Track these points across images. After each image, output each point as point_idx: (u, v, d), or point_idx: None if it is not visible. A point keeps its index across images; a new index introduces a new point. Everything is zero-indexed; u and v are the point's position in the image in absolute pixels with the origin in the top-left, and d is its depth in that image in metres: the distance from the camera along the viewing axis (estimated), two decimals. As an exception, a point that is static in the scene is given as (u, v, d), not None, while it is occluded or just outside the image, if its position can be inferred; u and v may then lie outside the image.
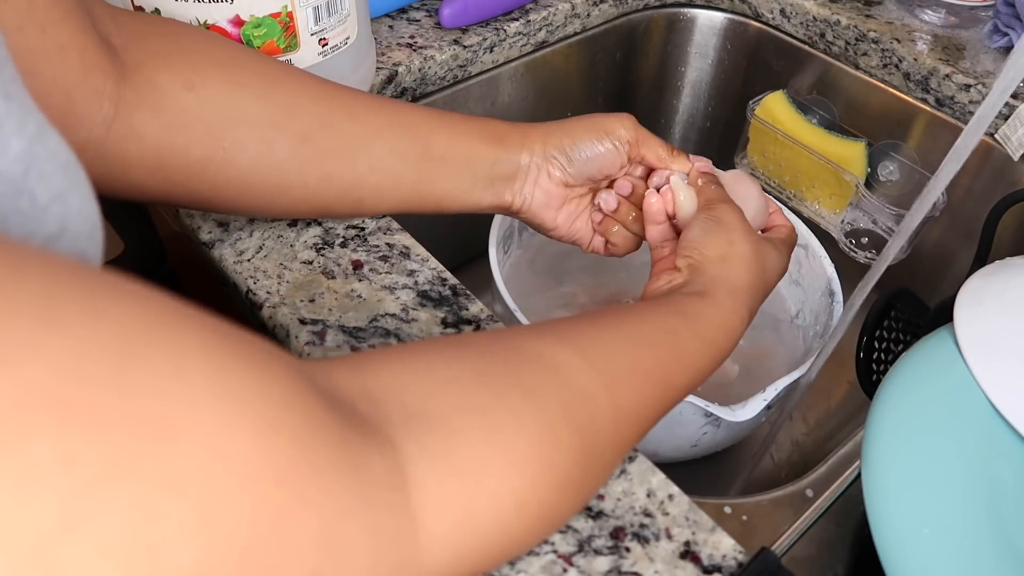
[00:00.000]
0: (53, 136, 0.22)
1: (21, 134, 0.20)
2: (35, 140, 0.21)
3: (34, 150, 0.21)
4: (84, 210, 0.23)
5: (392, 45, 0.67)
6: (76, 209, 0.22)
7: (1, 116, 0.20)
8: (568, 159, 0.47)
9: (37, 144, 0.21)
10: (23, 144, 0.20)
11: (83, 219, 0.23)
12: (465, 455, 0.25)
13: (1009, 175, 0.68)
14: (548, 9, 0.74)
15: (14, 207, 0.20)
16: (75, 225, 0.22)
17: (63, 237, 0.22)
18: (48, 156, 0.21)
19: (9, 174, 0.20)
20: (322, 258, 0.47)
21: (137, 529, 0.16)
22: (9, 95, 0.21)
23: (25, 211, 0.20)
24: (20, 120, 0.21)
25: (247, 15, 0.46)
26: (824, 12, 0.76)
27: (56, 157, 0.22)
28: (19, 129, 0.20)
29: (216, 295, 0.65)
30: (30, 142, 0.21)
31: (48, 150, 0.21)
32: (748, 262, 0.43)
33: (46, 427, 0.15)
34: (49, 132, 0.22)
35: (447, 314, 0.45)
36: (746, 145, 0.81)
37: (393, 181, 0.44)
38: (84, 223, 0.23)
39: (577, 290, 0.75)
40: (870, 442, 0.36)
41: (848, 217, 0.75)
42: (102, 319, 0.17)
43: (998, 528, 0.32)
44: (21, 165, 0.20)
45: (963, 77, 0.68)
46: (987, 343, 0.37)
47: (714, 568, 0.35)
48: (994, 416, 0.35)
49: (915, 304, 0.57)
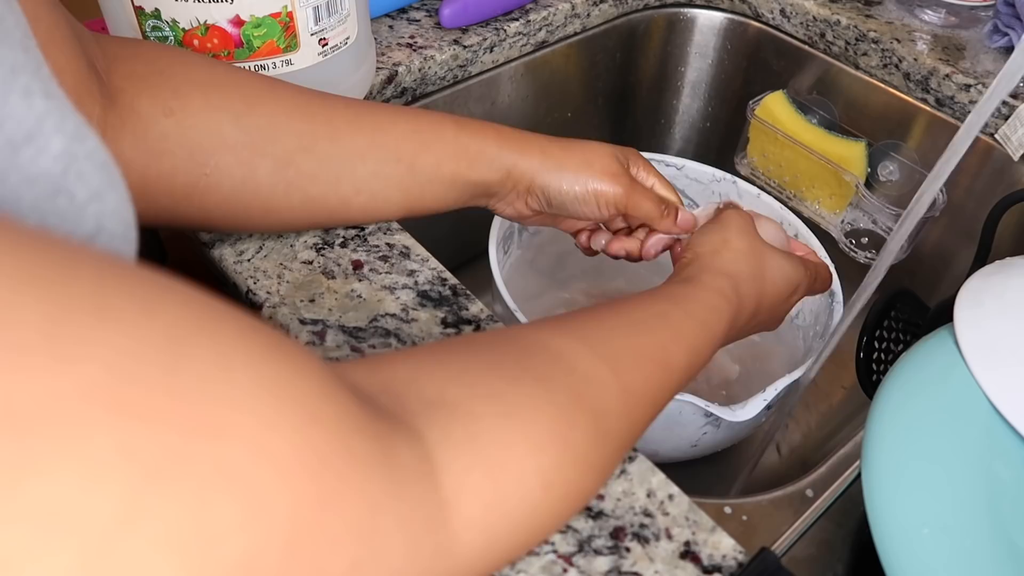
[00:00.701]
0: (91, 135, 0.22)
1: (62, 132, 0.21)
2: (74, 139, 0.21)
3: (73, 149, 0.21)
4: (120, 210, 0.23)
5: (392, 45, 0.67)
6: (112, 209, 0.22)
7: (42, 114, 0.20)
8: (548, 203, 0.48)
9: (76, 143, 0.21)
10: (63, 143, 0.21)
11: (119, 219, 0.23)
12: (489, 439, 0.26)
13: (1009, 175, 0.68)
14: (548, 9, 0.74)
15: (53, 206, 0.20)
16: (111, 225, 0.22)
17: (99, 237, 0.22)
18: (86, 155, 0.21)
19: (49, 173, 0.20)
20: (322, 258, 0.47)
21: (190, 522, 0.16)
22: (49, 94, 0.21)
23: (63, 210, 0.21)
24: (60, 118, 0.21)
25: (247, 15, 0.46)
26: (824, 12, 0.76)
27: (94, 156, 0.22)
28: (59, 127, 0.21)
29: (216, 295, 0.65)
30: (70, 141, 0.21)
31: (86, 149, 0.21)
32: (741, 254, 0.44)
33: (107, 422, 0.15)
34: (87, 131, 0.22)
35: (447, 314, 0.45)
36: (746, 145, 0.81)
37: (379, 202, 0.45)
38: (119, 223, 0.23)
39: (577, 291, 0.75)
40: (870, 442, 0.36)
41: (848, 217, 0.76)
42: (152, 316, 0.17)
43: (998, 528, 0.32)
44: (61, 164, 0.21)
45: (963, 77, 0.68)
46: (987, 343, 0.37)
47: (714, 568, 0.35)
48: (994, 416, 0.35)
49: (915, 304, 0.57)
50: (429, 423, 0.25)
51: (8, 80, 0.20)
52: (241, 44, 0.48)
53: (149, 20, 0.46)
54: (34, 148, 0.20)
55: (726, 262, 0.43)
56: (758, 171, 0.81)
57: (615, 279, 0.76)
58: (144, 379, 0.16)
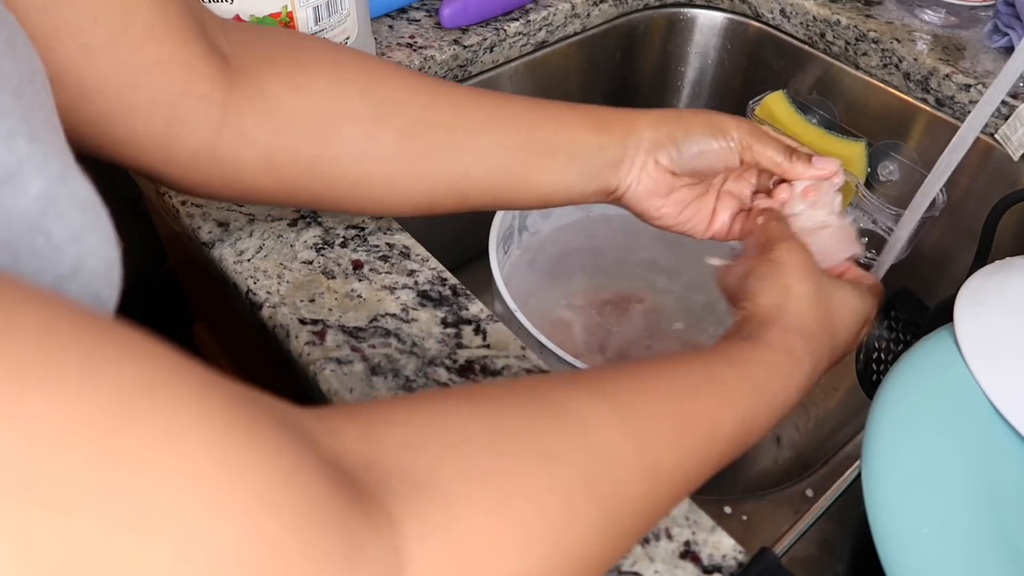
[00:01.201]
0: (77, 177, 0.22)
1: (43, 174, 0.21)
2: (57, 180, 0.21)
3: (54, 190, 0.21)
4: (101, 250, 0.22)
5: (392, 45, 0.67)
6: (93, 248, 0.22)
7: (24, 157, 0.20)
8: (678, 150, 0.45)
9: (58, 184, 0.21)
10: (44, 184, 0.21)
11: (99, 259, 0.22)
12: (468, 534, 0.23)
13: (1009, 175, 0.68)
14: (548, 9, 0.74)
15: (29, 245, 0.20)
16: (91, 265, 0.22)
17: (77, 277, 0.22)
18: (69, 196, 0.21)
19: (27, 213, 0.20)
20: (322, 258, 0.47)
21: None
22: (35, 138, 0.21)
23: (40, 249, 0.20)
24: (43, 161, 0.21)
25: (247, 15, 0.46)
26: (824, 12, 0.76)
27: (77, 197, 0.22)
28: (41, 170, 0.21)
29: (216, 295, 0.66)
30: (51, 182, 0.21)
31: (69, 190, 0.21)
32: (807, 305, 0.40)
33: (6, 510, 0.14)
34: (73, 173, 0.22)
35: (447, 314, 0.45)
36: (746, 145, 0.81)
37: (497, 174, 0.44)
38: (100, 263, 0.22)
39: (577, 291, 0.75)
40: (870, 442, 0.36)
41: (848, 217, 0.75)
42: (98, 377, 0.16)
43: (998, 528, 0.32)
44: (40, 204, 0.20)
45: (963, 77, 0.68)
46: (987, 343, 0.37)
47: (714, 568, 0.35)
48: (994, 416, 0.35)
49: (915, 304, 0.57)
50: (407, 510, 0.22)
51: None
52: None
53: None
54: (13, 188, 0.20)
55: (793, 317, 0.39)
56: (758, 171, 0.81)
57: (616, 280, 0.76)
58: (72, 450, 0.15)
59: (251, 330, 0.48)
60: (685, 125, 0.46)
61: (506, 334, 0.44)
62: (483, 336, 0.44)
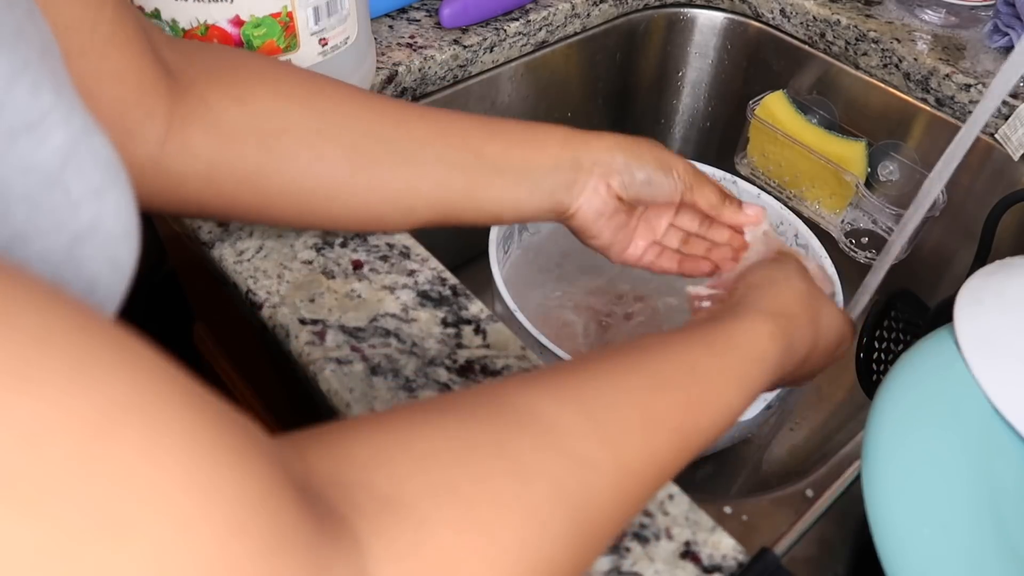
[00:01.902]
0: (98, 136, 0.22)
1: (66, 127, 0.21)
2: (79, 136, 0.21)
3: (76, 144, 0.21)
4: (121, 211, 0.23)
5: (392, 45, 0.67)
6: (112, 208, 0.22)
7: (48, 108, 0.20)
8: (631, 177, 0.46)
9: (81, 140, 0.21)
10: (66, 137, 0.21)
11: (118, 219, 0.22)
12: (436, 551, 0.23)
13: (1009, 175, 0.68)
14: (548, 9, 0.74)
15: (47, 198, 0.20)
16: (109, 224, 0.22)
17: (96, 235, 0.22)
18: (89, 153, 0.21)
19: (46, 165, 0.20)
20: (322, 258, 0.47)
21: None
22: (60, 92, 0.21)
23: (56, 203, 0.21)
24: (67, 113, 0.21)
25: (247, 15, 0.46)
26: (824, 12, 0.76)
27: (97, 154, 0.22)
28: (65, 121, 0.21)
29: (216, 295, 0.66)
30: (73, 137, 0.21)
31: (91, 147, 0.21)
32: (798, 294, 0.40)
33: None
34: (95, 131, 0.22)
35: (447, 314, 0.45)
36: (746, 145, 0.81)
37: (444, 190, 0.44)
38: (119, 223, 0.23)
39: (577, 291, 0.75)
40: (870, 442, 0.36)
41: (848, 217, 0.76)
42: (85, 385, 0.16)
43: (998, 528, 0.32)
44: (60, 157, 0.20)
45: (963, 77, 0.68)
46: (987, 343, 0.37)
47: (714, 568, 0.35)
48: (994, 416, 0.35)
49: (915, 304, 0.57)
50: (373, 528, 0.22)
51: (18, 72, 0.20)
52: (241, 44, 0.48)
53: (149, 20, 0.46)
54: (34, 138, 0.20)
55: (772, 297, 0.40)
56: (758, 171, 0.81)
57: (616, 280, 0.76)
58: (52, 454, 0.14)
59: (251, 330, 0.48)
60: (638, 154, 0.47)
61: (506, 334, 0.44)
62: (483, 336, 0.44)
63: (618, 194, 0.47)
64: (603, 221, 0.48)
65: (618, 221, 0.49)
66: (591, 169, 0.46)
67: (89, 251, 0.22)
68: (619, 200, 0.47)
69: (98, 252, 0.22)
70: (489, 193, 0.44)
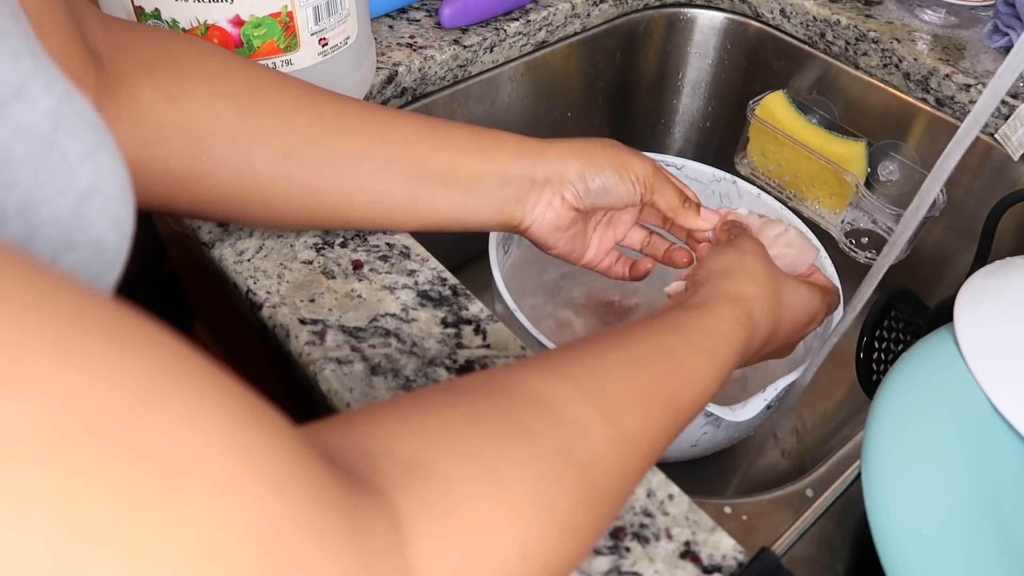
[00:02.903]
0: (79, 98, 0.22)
1: (50, 91, 0.21)
2: (63, 99, 0.21)
3: (62, 108, 0.21)
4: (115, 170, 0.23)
5: (392, 45, 0.67)
6: (107, 168, 0.22)
7: (29, 74, 0.20)
8: (586, 187, 0.46)
9: (65, 103, 0.21)
10: (52, 101, 0.21)
11: (115, 179, 0.22)
12: (464, 507, 0.24)
13: (1009, 175, 0.68)
14: (548, 9, 0.74)
15: (46, 160, 0.20)
16: (107, 184, 0.22)
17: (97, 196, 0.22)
18: (76, 114, 0.21)
19: (39, 128, 0.20)
20: (322, 258, 0.47)
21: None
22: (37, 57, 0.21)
23: (57, 165, 0.21)
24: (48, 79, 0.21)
25: (247, 15, 0.46)
26: (824, 12, 0.76)
27: (84, 116, 0.22)
28: (47, 87, 0.21)
29: (216, 295, 0.66)
30: (58, 100, 0.21)
31: (76, 109, 0.21)
32: (756, 276, 0.41)
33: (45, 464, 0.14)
34: (75, 94, 0.22)
35: (447, 314, 0.45)
36: (746, 145, 0.81)
37: (385, 200, 0.43)
38: (116, 183, 0.23)
39: (577, 291, 0.75)
40: (870, 442, 0.36)
41: (848, 217, 0.75)
42: (125, 357, 0.16)
43: (998, 528, 0.32)
44: (50, 120, 0.20)
45: (963, 77, 0.68)
46: (987, 343, 0.37)
47: (714, 568, 0.35)
48: (994, 416, 0.35)
49: (915, 304, 0.57)
50: (402, 489, 0.23)
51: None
52: (241, 44, 0.48)
53: (149, 20, 0.46)
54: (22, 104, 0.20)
55: (738, 284, 0.41)
56: (758, 171, 0.81)
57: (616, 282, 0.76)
58: (99, 423, 0.15)
59: (251, 330, 0.48)
60: (593, 161, 0.46)
61: (506, 334, 0.44)
62: (483, 336, 0.44)
63: (574, 206, 0.47)
64: (559, 234, 0.48)
65: (575, 230, 0.49)
66: (543, 185, 0.45)
67: (94, 212, 0.22)
68: (577, 211, 0.47)
69: (102, 212, 0.22)
70: (434, 205, 0.44)
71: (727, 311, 0.39)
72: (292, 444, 0.20)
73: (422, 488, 0.23)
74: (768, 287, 0.42)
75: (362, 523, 0.21)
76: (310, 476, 0.19)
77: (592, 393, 0.30)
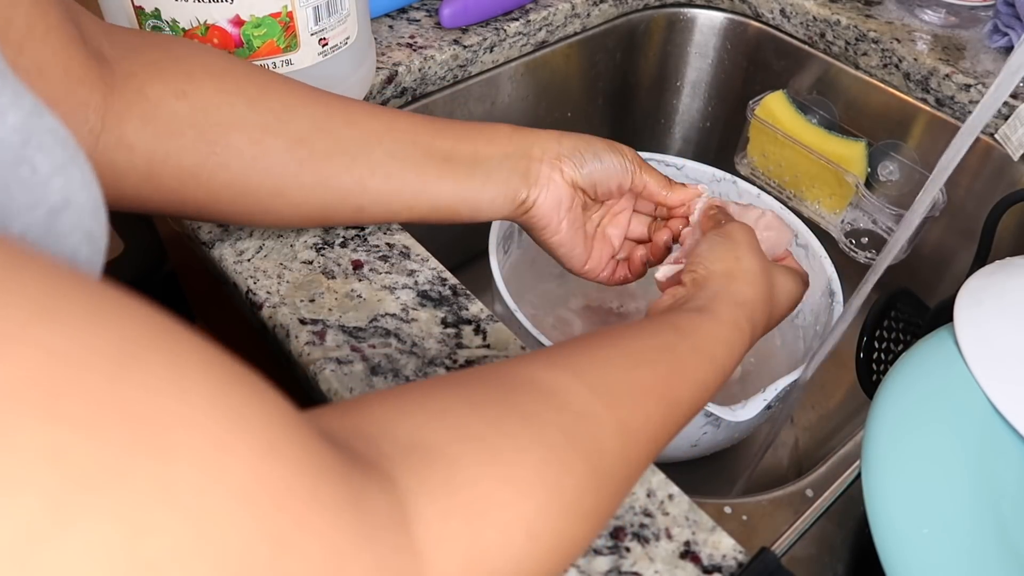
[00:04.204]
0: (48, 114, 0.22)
1: (17, 107, 0.20)
2: (31, 114, 0.21)
3: (31, 123, 0.21)
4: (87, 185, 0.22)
5: (392, 45, 0.67)
6: (78, 183, 0.22)
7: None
8: (582, 159, 0.47)
9: (33, 118, 0.21)
10: (20, 117, 0.20)
11: (87, 194, 0.22)
12: (468, 486, 0.24)
13: (1009, 175, 0.68)
14: (548, 9, 0.74)
15: (15, 175, 0.20)
16: (79, 199, 0.22)
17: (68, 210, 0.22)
18: (46, 130, 0.21)
19: (8, 143, 0.20)
20: (322, 258, 0.47)
21: (125, 541, 0.14)
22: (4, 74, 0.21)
23: (27, 180, 0.20)
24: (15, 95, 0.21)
25: (247, 15, 0.46)
26: (824, 12, 0.76)
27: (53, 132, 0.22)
28: (14, 103, 0.20)
29: (216, 295, 0.66)
30: (27, 115, 0.21)
31: (45, 125, 0.21)
32: (754, 277, 0.42)
33: (35, 417, 0.14)
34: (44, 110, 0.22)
35: (447, 314, 0.45)
36: (746, 145, 0.81)
37: (395, 185, 0.44)
38: (88, 198, 0.22)
39: (577, 291, 0.75)
40: (870, 442, 0.36)
41: (848, 217, 0.75)
42: (104, 321, 0.16)
43: (998, 528, 0.32)
44: (20, 135, 0.20)
45: (963, 77, 0.68)
46: (987, 343, 0.37)
47: (714, 568, 0.35)
48: (994, 416, 0.35)
49: (915, 304, 0.57)
50: (404, 468, 0.23)
51: None
52: (241, 44, 0.48)
53: (149, 20, 0.46)
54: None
55: (740, 288, 0.41)
56: (758, 171, 0.81)
57: (615, 279, 0.76)
58: (84, 383, 0.15)
59: (251, 330, 0.48)
60: (586, 140, 0.48)
61: (506, 334, 0.44)
62: (483, 336, 0.44)
63: (573, 180, 0.48)
64: (563, 213, 0.48)
65: (576, 216, 0.49)
66: (541, 157, 0.47)
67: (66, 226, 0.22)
68: (574, 189, 0.48)
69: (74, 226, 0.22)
70: (442, 187, 0.45)
71: (729, 317, 0.39)
72: (282, 410, 0.19)
73: (424, 468, 0.23)
74: (764, 287, 0.43)
75: (361, 494, 0.20)
76: (301, 442, 0.19)
77: (595, 385, 0.30)
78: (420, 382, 0.29)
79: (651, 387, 0.32)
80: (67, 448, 0.14)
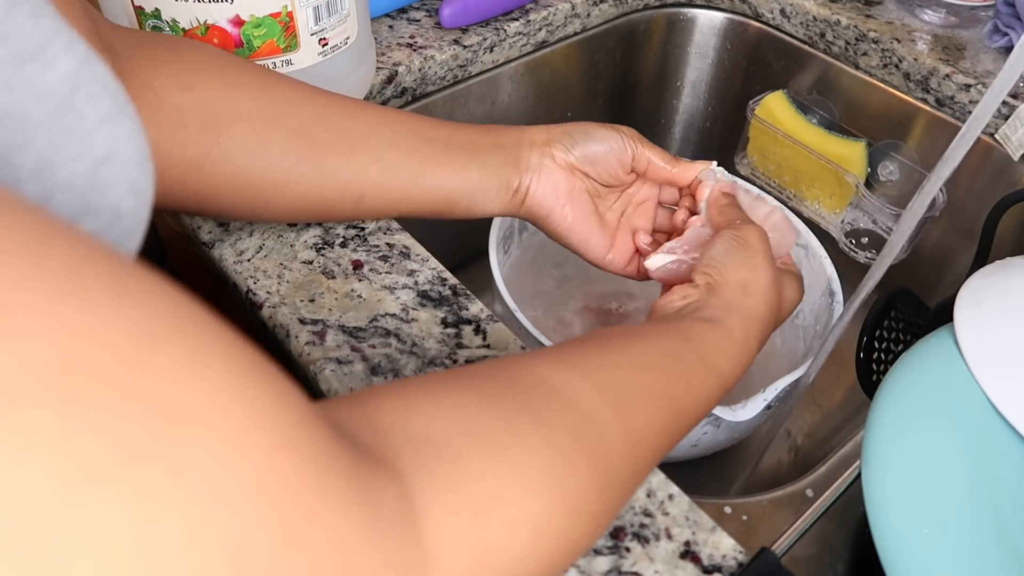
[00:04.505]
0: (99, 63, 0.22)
1: (70, 54, 0.20)
2: (83, 62, 0.21)
3: (82, 71, 0.21)
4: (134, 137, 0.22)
5: (392, 45, 0.67)
6: (126, 134, 0.22)
7: (50, 34, 0.20)
8: (572, 140, 0.48)
9: (85, 66, 0.21)
10: (71, 63, 0.20)
11: (134, 146, 0.22)
12: (475, 482, 0.24)
13: (1009, 175, 0.68)
14: (548, 9, 0.74)
15: (62, 123, 0.20)
16: (126, 151, 0.22)
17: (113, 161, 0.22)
18: (96, 79, 0.21)
19: (56, 90, 0.20)
20: (322, 258, 0.47)
21: (126, 530, 0.14)
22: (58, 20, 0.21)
23: (73, 128, 0.20)
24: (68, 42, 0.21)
25: (247, 15, 0.46)
26: (824, 12, 0.76)
27: (103, 81, 0.21)
28: (68, 49, 0.20)
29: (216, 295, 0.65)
30: (78, 63, 0.21)
31: (96, 74, 0.21)
32: (767, 292, 0.41)
33: (47, 404, 0.14)
34: (95, 59, 0.22)
35: (447, 314, 0.45)
36: (746, 145, 0.81)
37: (394, 174, 0.44)
38: (135, 150, 0.22)
39: (577, 291, 0.75)
40: (870, 442, 0.36)
41: (848, 217, 0.75)
42: (127, 304, 0.16)
43: (998, 528, 0.32)
44: (68, 83, 0.20)
45: (963, 77, 0.68)
46: (987, 343, 0.37)
47: (714, 568, 0.35)
48: (994, 416, 0.35)
49: (915, 304, 0.57)
50: (412, 462, 0.23)
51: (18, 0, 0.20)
52: (241, 44, 0.48)
53: (149, 20, 0.46)
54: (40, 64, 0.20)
55: (755, 304, 0.40)
56: (758, 171, 0.81)
57: (615, 280, 0.76)
58: (102, 366, 0.15)
59: (251, 330, 0.48)
60: (577, 124, 0.49)
61: (506, 334, 0.44)
62: (483, 336, 0.44)
63: (567, 163, 0.47)
64: (563, 198, 0.47)
65: (581, 202, 0.48)
66: (531, 146, 0.47)
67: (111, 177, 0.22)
68: (572, 172, 0.48)
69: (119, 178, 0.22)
70: (440, 176, 0.45)
71: (740, 335, 0.39)
72: (296, 403, 0.19)
73: (433, 462, 0.23)
74: (775, 302, 0.42)
75: (369, 487, 0.21)
76: (314, 435, 0.19)
77: (602, 387, 0.30)
78: (430, 374, 0.29)
79: (658, 393, 0.32)
80: (76, 435, 0.14)
